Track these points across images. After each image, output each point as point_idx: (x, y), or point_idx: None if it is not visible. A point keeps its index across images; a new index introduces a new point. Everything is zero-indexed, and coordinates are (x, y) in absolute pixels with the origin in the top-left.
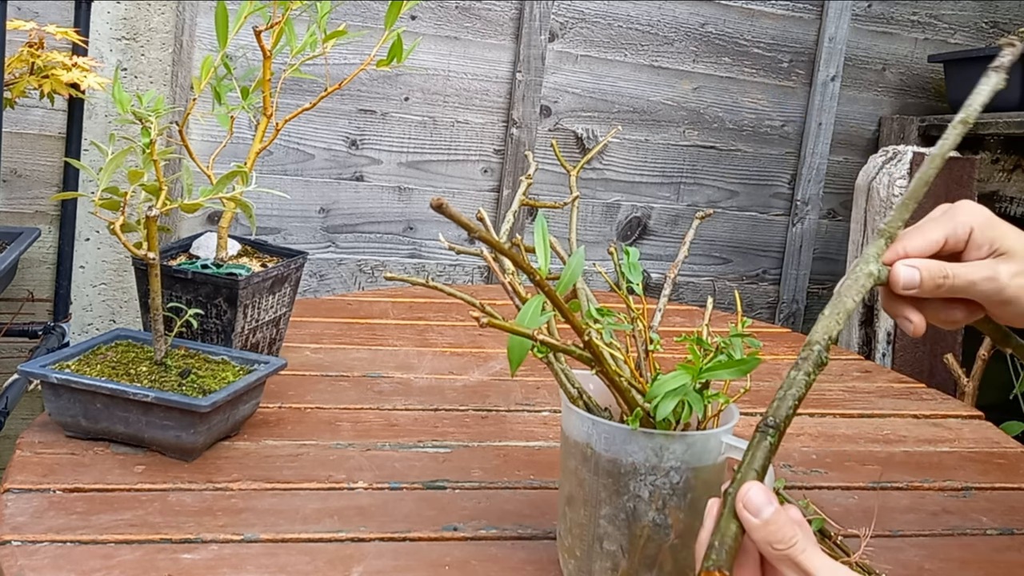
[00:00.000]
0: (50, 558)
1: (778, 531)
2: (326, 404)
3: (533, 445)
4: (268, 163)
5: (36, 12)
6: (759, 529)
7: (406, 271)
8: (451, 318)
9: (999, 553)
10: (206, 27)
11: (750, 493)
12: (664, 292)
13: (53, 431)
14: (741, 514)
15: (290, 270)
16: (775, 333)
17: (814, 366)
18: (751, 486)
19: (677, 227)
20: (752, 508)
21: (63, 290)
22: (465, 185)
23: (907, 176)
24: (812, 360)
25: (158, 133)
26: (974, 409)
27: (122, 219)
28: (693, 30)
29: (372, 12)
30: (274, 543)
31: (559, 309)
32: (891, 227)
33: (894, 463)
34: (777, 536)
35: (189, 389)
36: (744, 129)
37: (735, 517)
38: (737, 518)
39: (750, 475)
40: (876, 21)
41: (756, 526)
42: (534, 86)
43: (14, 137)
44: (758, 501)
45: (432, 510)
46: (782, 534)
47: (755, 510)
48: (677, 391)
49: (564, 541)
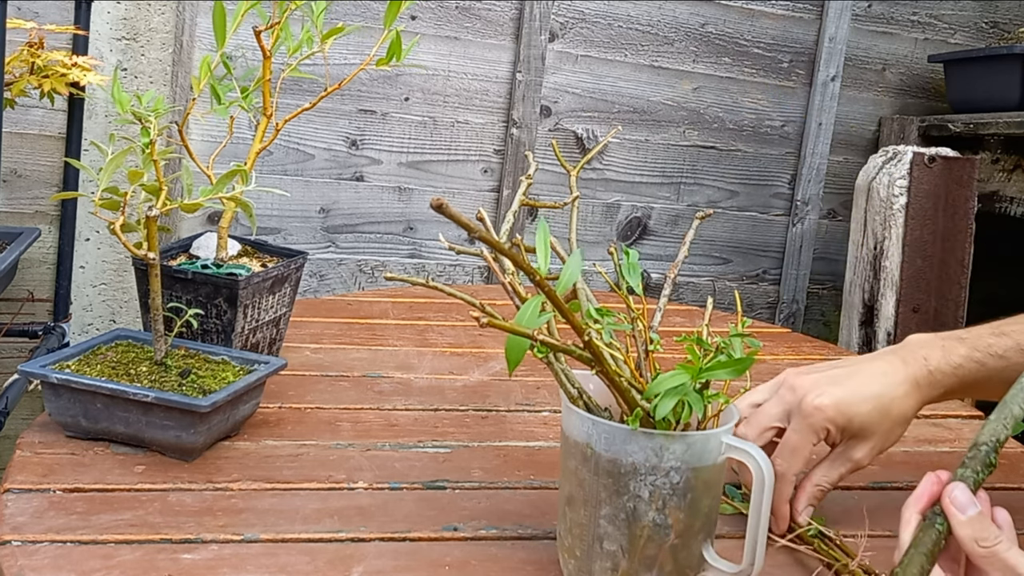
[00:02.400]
0: (50, 558)
1: (984, 528)
2: (326, 404)
3: (533, 445)
4: (268, 163)
5: (36, 12)
6: (965, 526)
7: (406, 271)
8: (451, 318)
9: None
10: (206, 27)
11: (955, 491)
12: (664, 292)
13: (53, 431)
14: (948, 510)
15: (290, 270)
16: (775, 333)
17: (983, 466)
18: (956, 485)
19: (677, 227)
20: (959, 505)
21: (63, 290)
22: (465, 185)
23: (907, 176)
24: (980, 459)
25: (158, 133)
26: (974, 409)
27: (122, 219)
28: (693, 30)
29: (372, 12)
30: (274, 543)
31: (559, 309)
32: None
33: (894, 463)
34: (983, 533)
35: (189, 389)
36: (744, 129)
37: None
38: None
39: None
40: (876, 21)
41: (962, 523)
42: (534, 86)
43: (14, 137)
44: (964, 499)
45: (432, 510)
46: (988, 532)
47: (961, 507)
48: (676, 390)
49: (564, 541)
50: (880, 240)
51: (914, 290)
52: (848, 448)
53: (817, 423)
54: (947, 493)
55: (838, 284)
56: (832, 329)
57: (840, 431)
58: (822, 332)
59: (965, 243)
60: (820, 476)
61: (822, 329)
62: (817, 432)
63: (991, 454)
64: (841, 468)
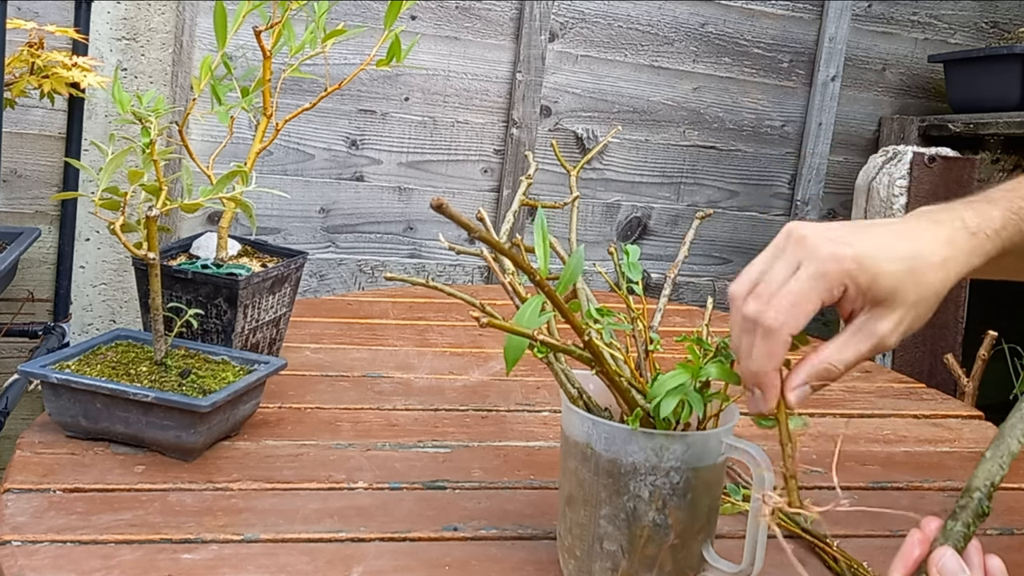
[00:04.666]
0: (50, 558)
1: None
2: (326, 404)
3: (533, 445)
4: (268, 163)
5: (36, 12)
6: None
7: (406, 271)
8: (451, 318)
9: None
10: (206, 27)
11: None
12: (664, 292)
13: (53, 431)
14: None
15: (290, 270)
16: None
17: (974, 516)
18: (944, 552)
19: (677, 227)
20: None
21: (63, 290)
22: (465, 185)
23: (907, 176)
24: (972, 509)
25: (158, 133)
26: (974, 409)
27: (122, 219)
28: (693, 30)
29: (372, 12)
30: (274, 543)
31: (559, 309)
32: None
33: (894, 463)
34: None
35: (189, 389)
36: (744, 129)
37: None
38: None
39: None
40: (876, 21)
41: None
42: (534, 86)
43: (14, 137)
44: (951, 567)
45: (432, 510)
46: None
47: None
48: (677, 390)
49: (564, 541)
50: None
51: None
52: (870, 319)
53: (833, 274)
54: (934, 561)
55: None
56: (832, 329)
57: (861, 293)
58: (822, 332)
59: None
60: (832, 351)
61: (822, 329)
62: (830, 285)
63: (984, 502)
64: (860, 345)
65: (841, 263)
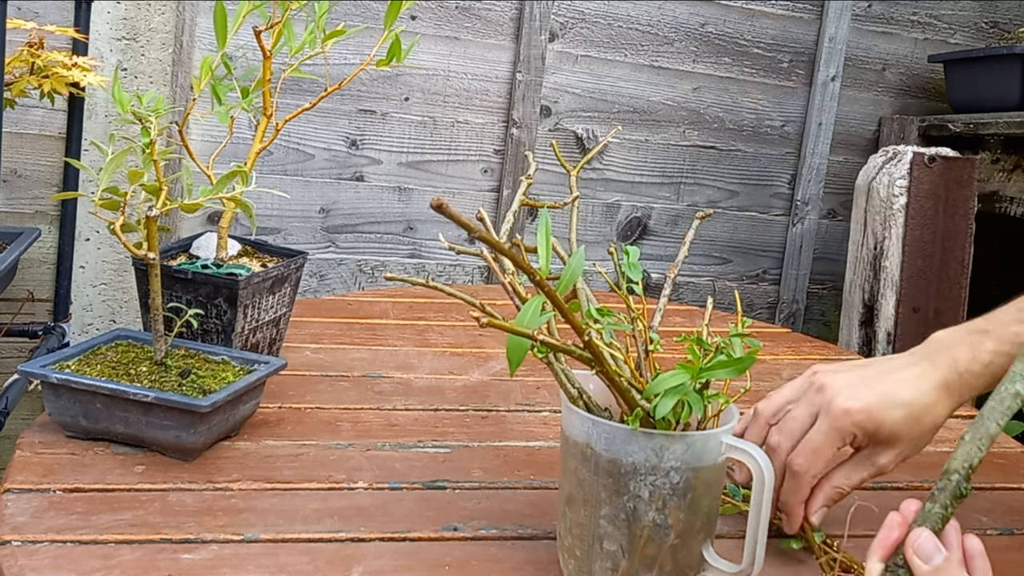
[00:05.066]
0: (50, 558)
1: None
2: (326, 404)
3: (533, 445)
4: (268, 163)
5: (36, 12)
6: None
7: (406, 271)
8: (451, 318)
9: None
10: (206, 27)
11: (919, 540)
12: (664, 292)
13: (53, 431)
14: (911, 560)
15: (290, 270)
16: (775, 333)
17: (952, 498)
18: (920, 532)
19: (677, 227)
20: (923, 555)
21: (63, 290)
22: (465, 185)
23: (907, 176)
24: (950, 491)
25: (158, 133)
26: (974, 409)
27: (122, 219)
28: (693, 30)
29: (372, 12)
30: (274, 543)
31: (559, 309)
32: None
33: None
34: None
35: (189, 389)
36: (744, 129)
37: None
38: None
39: None
40: (876, 21)
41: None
42: (534, 86)
43: (14, 137)
44: (928, 547)
45: (432, 510)
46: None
47: (926, 556)
48: (676, 389)
49: (564, 541)
50: (880, 240)
51: (914, 290)
52: (873, 453)
53: (845, 427)
54: (910, 542)
55: (838, 284)
56: (832, 329)
57: (868, 436)
58: (822, 332)
59: (965, 243)
60: (841, 478)
61: (822, 329)
62: (843, 436)
63: (962, 484)
64: (863, 472)
65: (852, 417)
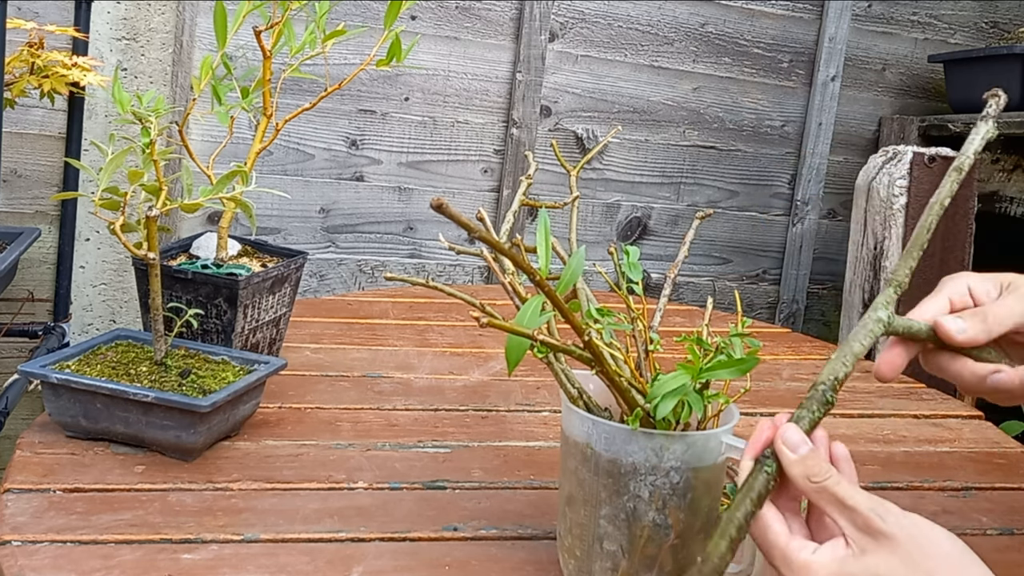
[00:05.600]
0: (50, 558)
1: (815, 465)
2: (326, 404)
3: (533, 445)
4: (268, 163)
5: (36, 12)
6: (796, 464)
7: (406, 271)
8: (451, 318)
9: (999, 553)
10: (206, 27)
11: (787, 433)
12: (664, 292)
13: (53, 431)
14: (779, 450)
15: (290, 270)
16: (775, 333)
17: (819, 404)
18: (788, 427)
19: (677, 227)
20: (790, 444)
21: (63, 290)
22: (465, 185)
23: (907, 176)
24: (817, 399)
25: (158, 133)
26: (974, 409)
27: (122, 219)
28: (693, 30)
29: (372, 12)
30: (274, 543)
31: (559, 309)
32: (898, 276)
33: (894, 463)
34: (814, 470)
35: (189, 389)
36: (744, 129)
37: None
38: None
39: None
40: (876, 21)
41: (793, 461)
42: (534, 86)
43: (14, 137)
44: (795, 439)
45: (432, 510)
46: (819, 468)
47: (792, 446)
48: (677, 391)
49: (564, 541)
50: (880, 240)
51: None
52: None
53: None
54: (779, 436)
55: (838, 284)
56: (832, 329)
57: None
58: (822, 332)
59: (965, 243)
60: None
61: (822, 329)
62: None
63: (828, 392)
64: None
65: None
